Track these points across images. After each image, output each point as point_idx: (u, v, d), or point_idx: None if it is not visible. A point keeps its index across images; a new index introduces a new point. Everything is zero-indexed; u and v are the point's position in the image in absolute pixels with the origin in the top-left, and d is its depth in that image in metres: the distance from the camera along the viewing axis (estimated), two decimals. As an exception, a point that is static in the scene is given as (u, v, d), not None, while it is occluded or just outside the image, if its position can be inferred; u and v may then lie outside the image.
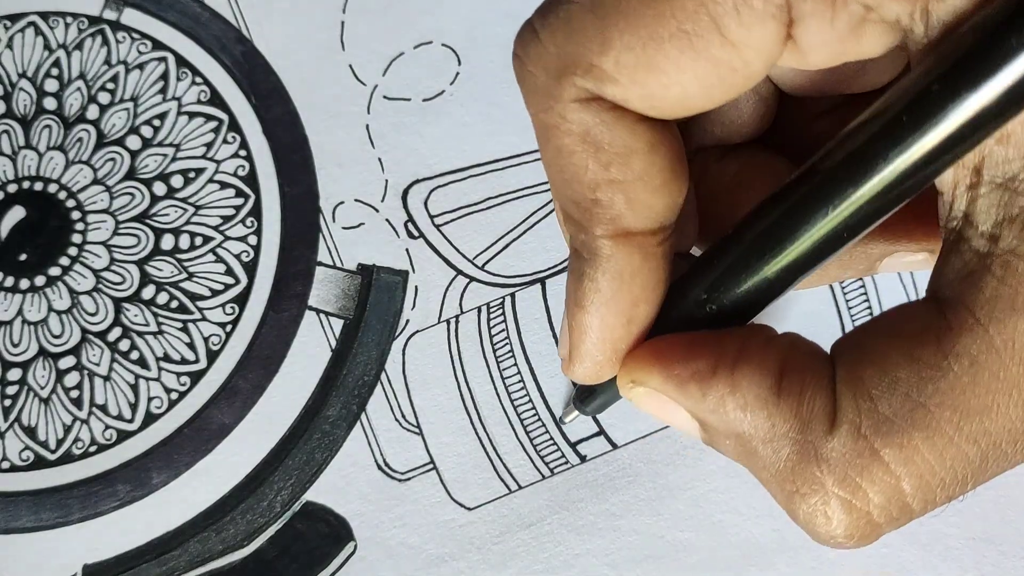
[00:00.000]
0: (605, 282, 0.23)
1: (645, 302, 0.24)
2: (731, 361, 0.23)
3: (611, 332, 0.24)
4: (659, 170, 0.22)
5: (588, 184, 0.22)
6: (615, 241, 0.23)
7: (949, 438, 0.20)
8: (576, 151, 0.22)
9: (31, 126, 0.38)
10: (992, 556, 0.35)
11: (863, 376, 0.21)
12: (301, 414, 0.36)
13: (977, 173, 0.20)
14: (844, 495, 0.21)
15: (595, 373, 0.25)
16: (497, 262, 0.38)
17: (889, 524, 0.21)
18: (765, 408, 0.22)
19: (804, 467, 0.21)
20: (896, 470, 0.21)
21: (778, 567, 0.35)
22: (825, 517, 0.21)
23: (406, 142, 0.39)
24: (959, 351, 0.20)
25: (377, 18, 0.39)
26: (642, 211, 0.22)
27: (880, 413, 0.21)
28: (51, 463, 0.36)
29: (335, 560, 0.35)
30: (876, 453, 0.21)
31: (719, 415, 0.22)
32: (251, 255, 0.38)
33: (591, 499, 0.35)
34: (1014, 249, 0.20)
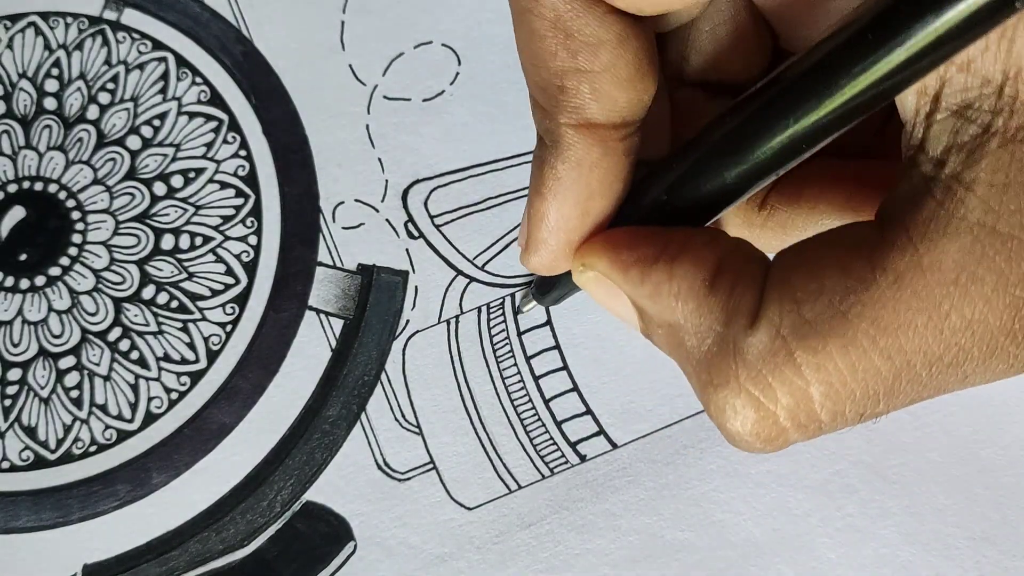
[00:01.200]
0: (564, 170, 0.24)
1: (601, 196, 0.24)
2: (673, 253, 0.23)
3: (566, 222, 0.24)
4: (626, 64, 0.23)
5: (556, 71, 0.23)
6: (577, 131, 0.23)
7: (863, 350, 0.20)
8: (547, 36, 0.22)
9: (31, 126, 0.38)
10: (992, 556, 0.35)
11: (792, 280, 0.21)
12: (301, 414, 0.36)
13: (936, 101, 0.20)
14: (754, 391, 0.21)
15: (549, 262, 0.25)
16: (497, 262, 0.38)
17: (796, 430, 0.21)
18: (695, 299, 0.22)
19: (721, 359, 0.22)
20: (807, 375, 0.21)
21: (778, 567, 0.35)
22: (734, 411, 0.22)
23: (406, 142, 0.39)
24: (886, 266, 0.20)
25: (377, 18, 0.40)
26: (606, 103, 0.23)
27: (801, 316, 0.21)
28: (51, 463, 0.36)
29: (335, 560, 0.35)
30: (791, 354, 0.21)
31: (654, 301, 0.23)
32: (251, 255, 0.38)
33: (591, 499, 0.35)
34: (957, 175, 0.20)
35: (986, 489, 0.35)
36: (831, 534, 0.35)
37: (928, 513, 0.35)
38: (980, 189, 0.20)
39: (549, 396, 0.36)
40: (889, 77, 0.20)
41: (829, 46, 0.21)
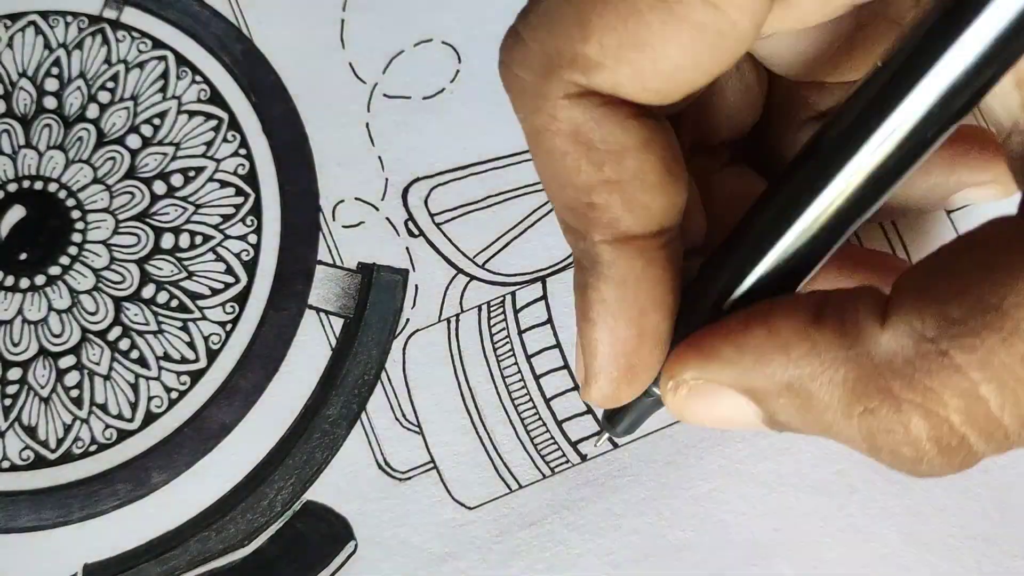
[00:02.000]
0: (609, 291, 0.22)
1: (654, 310, 0.22)
2: (763, 313, 0.21)
3: (622, 345, 0.22)
4: (654, 168, 0.21)
5: (582, 187, 0.21)
6: (615, 246, 0.22)
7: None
8: (568, 152, 0.21)
9: (31, 125, 0.38)
10: (994, 556, 0.34)
11: (929, 287, 0.19)
12: (301, 413, 0.36)
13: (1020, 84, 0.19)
14: (915, 399, 0.18)
15: (612, 392, 0.23)
16: (497, 260, 0.38)
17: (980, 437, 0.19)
18: (807, 339, 0.20)
19: (864, 382, 0.19)
20: (972, 374, 0.18)
21: (779, 567, 0.34)
22: (903, 427, 0.19)
23: (406, 140, 0.38)
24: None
25: (377, 16, 0.39)
26: (640, 212, 0.22)
27: (947, 316, 0.18)
28: (51, 462, 0.36)
29: (335, 560, 0.35)
30: (945, 354, 0.18)
31: (761, 367, 0.20)
32: (251, 254, 0.38)
33: (592, 498, 0.35)
34: None
35: (987, 489, 0.35)
36: (832, 534, 0.35)
37: (929, 513, 0.35)
38: None
39: (550, 395, 0.36)
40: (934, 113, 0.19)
41: (863, 88, 0.20)
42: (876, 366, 0.19)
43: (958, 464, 0.19)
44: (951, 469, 0.19)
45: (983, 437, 0.19)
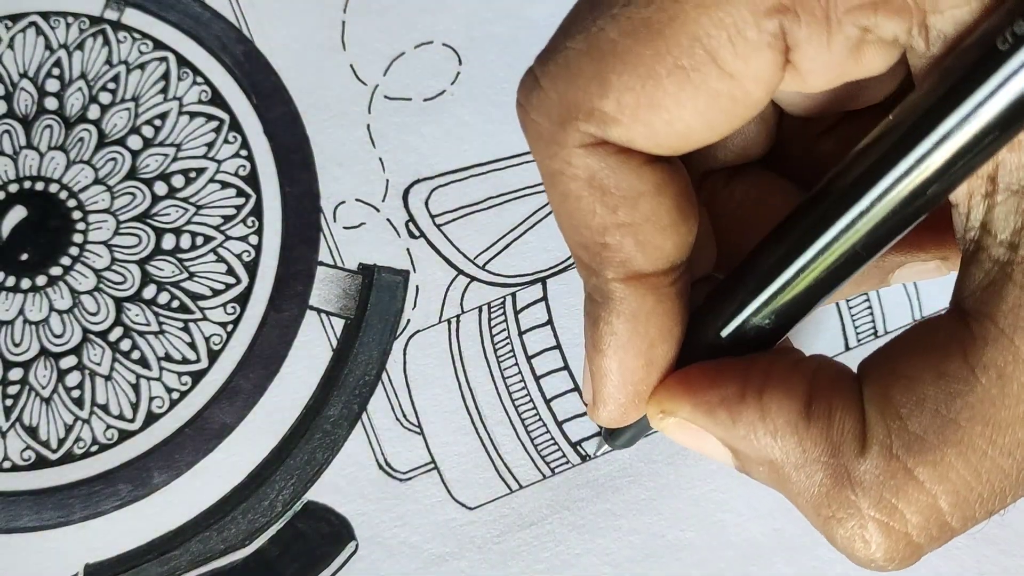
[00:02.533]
0: (620, 325, 0.23)
1: (663, 342, 0.23)
2: (758, 386, 0.22)
3: (631, 375, 0.24)
4: (667, 211, 0.22)
5: (596, 228, 0.22)
6: (627, 284, 0.23)
7: (983, 452, 0.20)
8: (583, 196, 0.22)
9: (32, 126, 0.38)
10: (993, 556, 0.35)
11: (891, 394, 0.21)
12: (302, 414, 0.36)
13: (992, 182, 0.20)
14: (881, 517, 0.21)
15: (619, 416, 0.25)
16: (498, 262, 0.38)
17: (929, 544, 0.21)
18: (795, 433, 0.22)
19: (838, 492, 0.21)
20: (931, 488, 0.20)
21: (778, 567, 0.35)
22: (863, 541, 0.21)
23: (407, 142, 0.39)
24: (986, 363, 0.20)
25: (378, 18, 0.40)
26: (652, 252, 0.22)
27: (910, 432, 0.20)
28: (52, 463, 0.36)
29: (336, 560, 0.35)
30: (909, 472, 0.20)
31: (750, 442, 0.22)
32: (252, 255, 0.38)
33: (592, 498, 0.35)
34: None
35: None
36: (832, 534, 0.35)
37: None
38: None
39: (550, 396, 0.36)
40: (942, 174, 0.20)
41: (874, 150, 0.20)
42: (851, 483, 0.21)
43: (904, 564, 0.21)
44: (896, 567, 0.22)
45: (931, 541, 0.21)
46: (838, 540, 0.22)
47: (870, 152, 0.21)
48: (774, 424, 0.22)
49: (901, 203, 0.20)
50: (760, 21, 0.19)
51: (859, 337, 0.37)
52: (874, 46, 0.20)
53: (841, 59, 0.20)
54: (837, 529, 0.21)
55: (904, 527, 0.21)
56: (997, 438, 0.20)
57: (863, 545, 0.21)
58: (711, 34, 0.19)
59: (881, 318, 0.37)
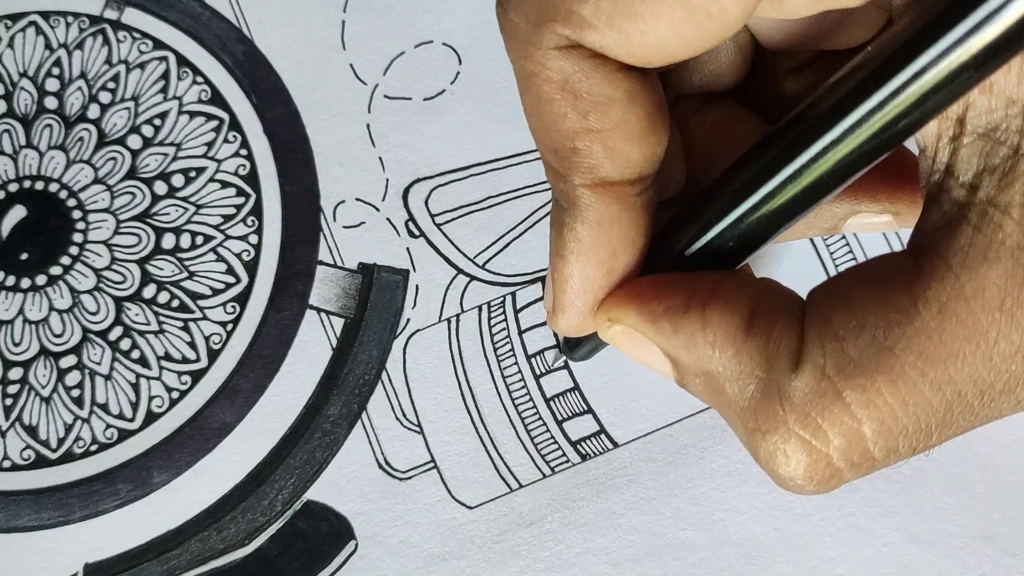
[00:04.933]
0: (584, 231, 0.23)
1: (625, 252, 0.24)
2: (703, 299, 0.23)
3: (592, 282, 0.24)
4: (638, 120, 0.22)
5: (567, 133, 0.22)
6: (593, 191, 0.23)
7: (913, 384, 0.20)
8: (555, 99, 0.22)
9: (32, 125, 0.38)
10: (993, 554, 0.35)
11: (832, 318, 0.21)
12: (302, 413, 0.36)
13: (960, 124, 0.20)
14: (804, 435, 0.21)
15: (578, 324, 0.25)
16: (498, 261, 0.38)
17: (850, 470, 0.21)
18: (733, 346, 0.22)
19: (767, 404, 0.21)
20: (858, 412, 0.20)
21: (779, 566, 0.35)
22: (785, 456, 0.21)
23: (407, 141, 0.39)
24: (929, 297, 0.20)
25: (378, 17, 0.40)
26: (620, 161, 0.23)
27: (846, 354, 0.20)
28: (52, 462, 0.36)
29: (336, 559, 0.35)
30: (839, 394, 0.20)
31: (689, 351, 0.22)
32: (252, 254, 0.38)
33: (592, 498, 0.35)
34: (992, 199, 0.20)
35: (987, 488, 0.35)
36: (832, 533, 0.35)
37: (929, 512, 0.35)
38: (1016, 212, 0.19)
39: (550, 395, 0.36)
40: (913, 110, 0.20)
41: (849, 82, 0.20)
42: (780, 398, 0.21)
43: (823, 487, 0.21)
44: (815, 490, 0.22)
45: (852, 468, 0.21)
46: (761, 453, 0.22)
47: (845, 82, 0.21)
48: (714, 335, 0.22)
49: (872, 135, 0.20)
50: None
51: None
52: None
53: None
54: (761, 442, 0.21)
55: (826, 448, 0.21)
56: (929, 371, 0.20)
57: (784, 460, 0.21)
58: None
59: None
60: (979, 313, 0.20)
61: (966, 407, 0.20)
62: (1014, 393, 0.20)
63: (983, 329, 0.20)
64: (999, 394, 0.20)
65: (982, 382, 0.20)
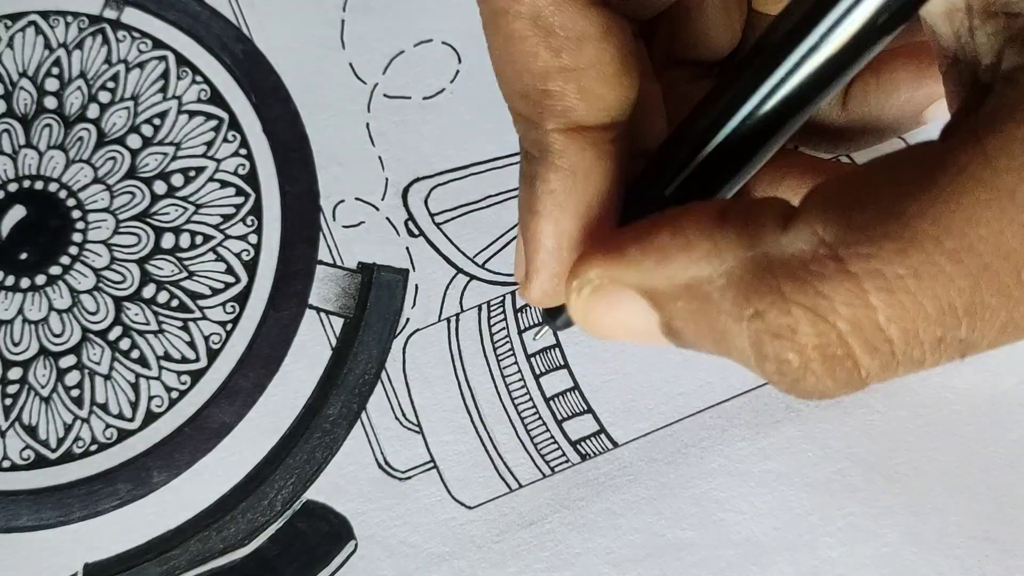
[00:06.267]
0: (558, 181, 0.22)
1: (599, 205, 0.22)
2: (672, 216, 0.20)
3: (566, 238, 0.22)
4: (611, 58, 0.21)
5: (538, 73, 0.21)
6: (567, 136, 0.22)
7: (927, 253, 0.17)
8: (527, 36, 0.21)
9: (32, 125, 0.38)
10: (994, 555, 0.35)
11: (833, 191, 0.18)
12: (301, 413, 0.36)
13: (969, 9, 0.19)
14: (805, 301, 0.18)
15: (553, 288, 0.23)
16: (497, 260, 0.38)
17: (866, 352, 0.18)
18: (709, 238, 0.19)
19: (757, 279, 0.18)
20: (864, 283, 0.17)
21: (779, 566, 0.34)
22: (790, 331, 0.18)
23: (406, 140, 0.39)
24: (947, 162, 0.17)
25: (377, 16, 0.39)
26: (595, 102, 0.22)
27: (848, 222, 0.18)
28: (52, 462, 0.36)
29: (336, 559, 0.35)
30: (840, 261, 0.17)
31: (663, 267, 0.20)
32: (251, 254, 0.38)
33: (592, 498, 0.35)
34: (1017, 65, 0.18)
35: (988, 488, 0.35)
36: (832, 533, 0.35)
37: (930, 512, 0.35)
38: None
39: (550, 395, 0.36)
40: None
41: None
42: (771, 265, 0.18)
43: (843, 380, 0.18)
44: (834, 385, 0.18)
45: (867, 351, 0.18)
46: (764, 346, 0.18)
47: None
48: (686, 236, 0.19)
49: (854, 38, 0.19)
50: None
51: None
52: None
53: None
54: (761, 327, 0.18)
55: (833, 316, 0.17)
56: (945, 239, 0.17)
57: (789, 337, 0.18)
58: None
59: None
60: (1003, 172, 0.17)
61: (999, 286, 0.17)
62: None
63: (1009, 189, 0.17)
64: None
65: (1011, 253, 0.17)
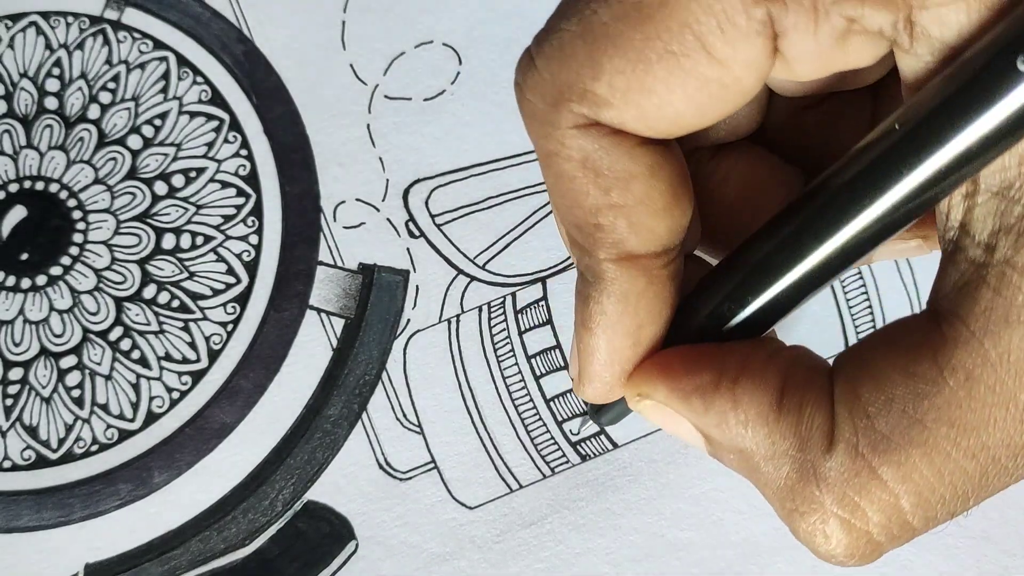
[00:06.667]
0: (610, 305, 0.23)
1: (651, 324, 0.24)
2: (733, 375, 0.23)
3: (618, 354, 0.24)
4: (660, 193, 0.22)
5: (589, 209, 0.22)
6: (619, 265, 0.23)
7: (947, 454, 0.20)
8: (577, 177, 0.22)
9: (32, 126, 0.38)
10: (993, 555, 0.35)
11: (860, 393, 0.21)
12: (302, 413, 0.36)
13: (974, 182, 0.20)
14: (843, 514, 0.21)
15: (604, 393, 0.25)
16: (498, 261, 0.38)
17: (890, 542, 0.21)
18: (766, 425, 0.22)
19: (803, 486, 0.21)
20: (894, 488, 0.20)
21: (778, 566, 0.35)
22: (824, 536, 0.21)
23: (407, 141, 0.39)
24: (955, 365, 0.20)
25: (378, 18, 0.40)
26: (645, 234, 0.22)
27: (877, 431, 0.21)
28: (53, 462, 0.36)
29: (336, 559, 0.35)
30: (874, 471, 0.20)
31: (721, 430, 0.23)
32: (252, 254, 0.38)
33: (592, 498, 0.35)
34: (1009, 260, 0.20)
35: (986, 488, 0.35)
36: (832, 533, 0.35)
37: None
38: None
39: (550, 395, 0.36)
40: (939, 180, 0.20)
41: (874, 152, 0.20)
42: (816, 479, 0.21)
43: (864, 561, 0.22)
44: (856, 564, 0.22)
45: (892, 540, 0.21)
46: (801, 533, 0.22)
47: (869, 151, 0.21)
48: (745, 415, 0.22)
49: (900, 211, 0.20)
50: (749, 8, 0.20)
51: (859, 336, 0.37)
52: (860, 37, 0.20)
53: (828, 48, 0.20)
54: (800, 522, 0.22)
55: (866, 525, 0.21)
56: (961, 440, 0.20)
57: (824, 540, 0.21)
58: (700, 20, 0.20)
59: (881, 317, 0.37)
60: (1006, 378, 0.20)
61: (1000, 470, 0.20)
62: None
63: (1012, 393, 0.20)
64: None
65: (1015, 445, 0.20)
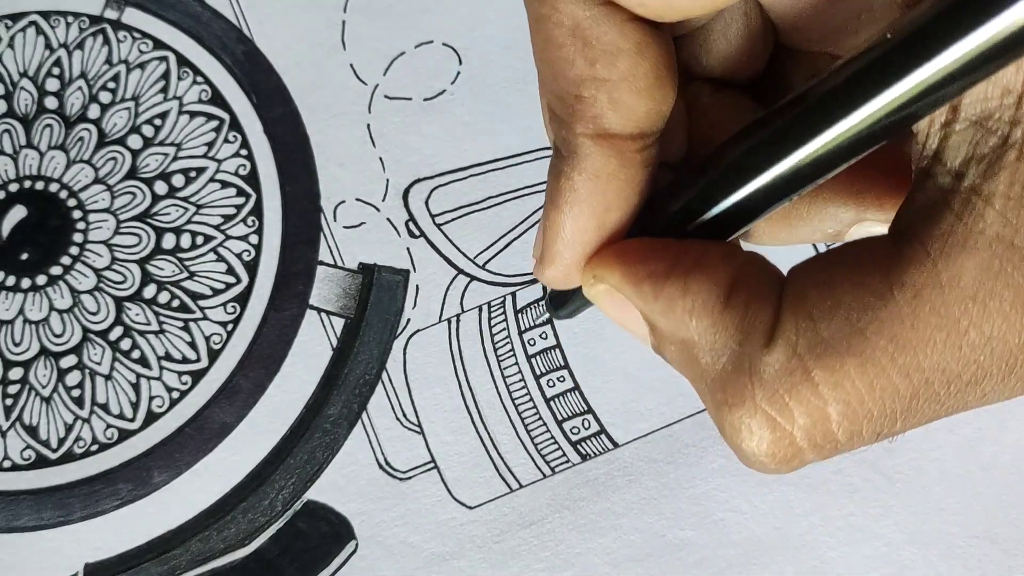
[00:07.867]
0: (580, 182, 0.23)
1: (618, 208, 0.24)
2: (687, 267, 0.23)
3: (582, 235, 0.24)
4: (644, 73, 0.22)
5: (573, 79, 0.22)
6: (594, 141, 0.23)
7: (881, 368, 0.20)
8: (565, 44, 0.22)
9: (32, 125, 0.38)
10: (994, 555, 0.35)
11: (808, 296, 0.21)
12: (302, 413, 0.36)
13: (954, 110, 0.20)
14: (770, 411, 0.21)
15: (564, 276, 0.25)
16: (498, 261, 0.38)
17: (812, 450, 0.21)
18: (710, 316, 0.22)
19: (737, 378, 0.21)
20: (824, 393, 0.20)
21: (779, 566, 0.35)
22: (749, 431, 0.21)
23: (407, 141, 0.39)
24: (904, 282, 0.20)
25: (378, 17, 0.40)
26: (624, 113, 0.23)
27: (818, 334, 0.20)
28: (53, 462, 0.36)
29: (336, 559, 0.35)
30: (807, 373, 0.20)
31: (667, 317, 0.23)
32: (252, 254, 0.38)
33: (592, 498, 0.35)
34: (976, 187, 0.20)
35: (988, 488, 0.35)
36: (832, 533, 0.35)
37: (930, 512, 0.35)
38: (998, 202, 0.19)
39: (550, 395, 0.36)
40: (919, 98, 0.20)
41: (859, 63, 0.20)
42: (750, 372, 0.21)
43: (784, 466, 0.21)
44: (775, 469, 0.22)
45: (815, 449, 0.21)
46: (727, 427, 0.22)
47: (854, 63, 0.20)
48: (692, 303, 0.22)
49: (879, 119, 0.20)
50: None
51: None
52: None
53: None
54: (728, 415, 0.21)
55: (791, 426, 0.21)
56: (898, 357, 0.20)
57: (748, 436, 0.21)
58: None
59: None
60: (952, 302, 0.20)
61: (932, 396, 0.20)
62: (980, 385, 0.20)
63: (955, 318, 0.20)
64: (965, 385, 0.20)
65: (950, 372, 0.20)
